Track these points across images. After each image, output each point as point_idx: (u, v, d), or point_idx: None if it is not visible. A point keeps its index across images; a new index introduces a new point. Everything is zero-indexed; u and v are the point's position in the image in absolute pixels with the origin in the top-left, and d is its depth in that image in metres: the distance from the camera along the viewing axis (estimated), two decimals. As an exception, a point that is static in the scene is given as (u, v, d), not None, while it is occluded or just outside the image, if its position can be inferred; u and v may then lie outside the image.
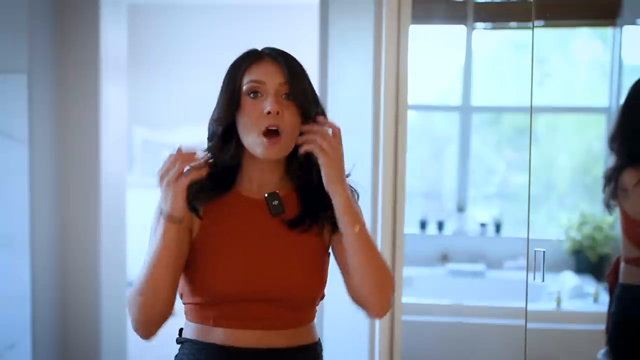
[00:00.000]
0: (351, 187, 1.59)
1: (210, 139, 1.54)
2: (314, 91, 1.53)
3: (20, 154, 3.07)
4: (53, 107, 3.31)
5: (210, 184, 1.51)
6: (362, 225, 1.47)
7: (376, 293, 1.48)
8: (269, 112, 1.45)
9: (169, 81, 6.82)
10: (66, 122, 3.36)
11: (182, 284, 1.53)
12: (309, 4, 5.14)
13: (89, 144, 3.39)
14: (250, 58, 1.51)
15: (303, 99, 1.48)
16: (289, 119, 1.46)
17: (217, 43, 6.62)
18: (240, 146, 1.51)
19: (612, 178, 2.64)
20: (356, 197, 1.59)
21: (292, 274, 1.49)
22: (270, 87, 1.47)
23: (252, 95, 1.48)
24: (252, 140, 1.47)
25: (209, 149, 1.53)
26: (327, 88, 2.90)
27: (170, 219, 1.41)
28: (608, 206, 2.70)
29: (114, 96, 3.56)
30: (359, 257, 1.46)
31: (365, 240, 1.47)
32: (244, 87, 1.49)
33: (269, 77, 1.47)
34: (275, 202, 1.52)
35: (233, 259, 1.48)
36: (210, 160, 1.50)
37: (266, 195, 1.52)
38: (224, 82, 1.53)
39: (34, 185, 3.12)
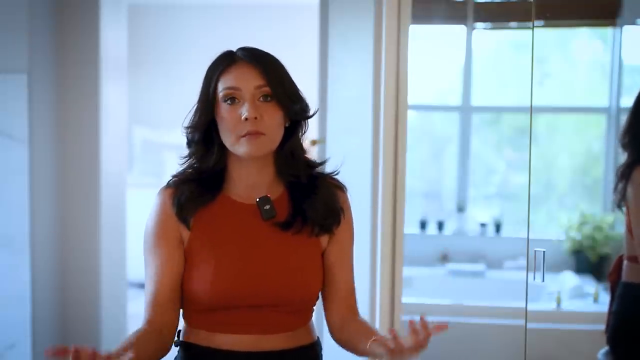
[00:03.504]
0: (338, 182, 1.58)
1: (188, 145, 1.53)
2: (295, 87, 1.51)
3: (20, 154, 3.07)
4: (53, 107, 3.31)
5: (197, 191, 1.50)
6: None
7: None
8: (246, 119, 1.44)
9: (169, 81, 6.82)
10: (66, 122, 3.36)
11: None
12: (309, 4, 5.14)
13: (89, 144, 3.39)
14: (223, 63, 1.50)
15: (284, 98, 1.47)
16: (269, 120, 1.45)
17: (217, 43, 6.57)
18: (223, 150, 1.50)
19: (624, 175, 2.64)
20: (345, 190, 1.59)
21: (288, 279, 1.48)
22: (246, 92, 1.45)
23: (229, 101, 1.46)
24: (233, 144, 1.46)
25: (189, 155, 1.53)
26: (327, 88, 2.90)
27: None
28: (619, 205, 2.69)
29: (114, 96, 3.56)
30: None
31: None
32: (220, 94, 1.47)
33: (244, 81, 1.46)
34: (267, 207, 1.50)
35: (227, 266, 1.47)
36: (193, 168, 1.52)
37: (257, 199, 1.51)
38: (201, 88, 1.52)
39: (34, 185, 3.12)
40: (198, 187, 1.50)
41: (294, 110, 1.49)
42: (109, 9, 3.47)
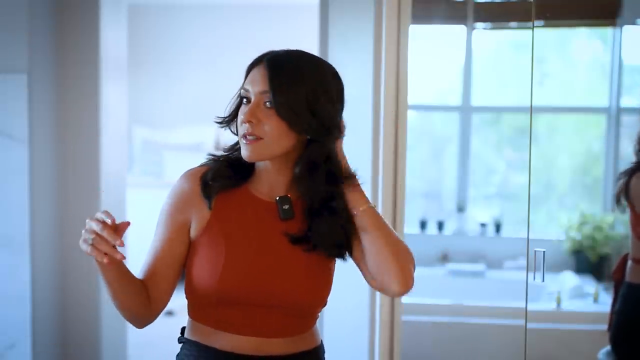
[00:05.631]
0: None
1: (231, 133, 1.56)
2: (311, 101, 1.45)
3: (20, 154, 3.07)
4: (53, 107, 3.31)
5: (225, 172, 1.51)
6: (369, 206, 1.48)
7: (394, 268, 1.45)
8: (243, 120, 1.45)
9: (169, 81, 6.82)
10: (66, 122, 3.36)
11: (185, 279, 1.53)
12: (309, 4, 5.14)
13: (89, 144, 3.39)
14: (253, 62, 1.50)
15: (282, 109, 1.43)
16: (269, 126, 1.44)
17: (217, 43, 6.62)
18: None
19: (628, 177, 2.65)
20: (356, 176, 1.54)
21: (297, 282, 1.48)
22: (252, 95, 1.46)
23: (244, 101, 1.48)
24: (239, 141, 1.48)
25: (231, 147, 1.55)
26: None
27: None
28: (618, 202, 2.70)
29: (114, 96, 3.55)
30: (369, 235, 1.46)
31: (374, 219, 1.47)
32: (241, 92, 1.50)
33: (252, 84, 1.46)
34: (286, 206, 1.50)
35: (237, 260, 1.47)
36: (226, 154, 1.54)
37: (277, 198, 1.51)
38: None
39: (34, 185, 3.12)
40: (227, 170, 1.52)
41: (299, 124, 1.45)
42: (109, 9, 3.47)
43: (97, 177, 3.38)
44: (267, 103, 1.44)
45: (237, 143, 1.53)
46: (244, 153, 1.46)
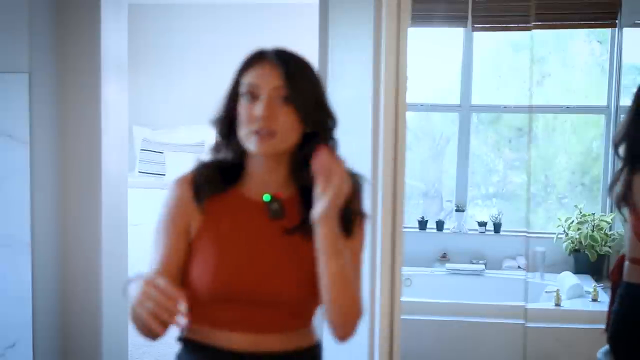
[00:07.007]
0: (357, 177, 1.54)
1: (217, 136, 1.57)
2: (317, 95, 1.51)
3: (21, 154, 3.08)
4: (54, 107, 3.31)
5: (215, 176, 1.52)
6: (342, 262, 1.45)
7: (339, 322, 1.50)
8: (259, 116, 1.45)
9: (169, 81, 6.83)
10: (67, 122, 3.36)
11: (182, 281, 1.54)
12: (309, 3, 5.15)
13: (90, 144, 3.39)
14: (252, 60, 1.51)
15: (299, 103, 1.47)
16: (283, 120, 1.46)
17: (217, 43, 6.62)
18: (242, 144, 1.52)
19: (625, 179, 2.65)
20: (360, 186, 1.55)
21: (289, 279, 1.49)
22: (265, 91, 1.47)
23: (248, 97, 1.48)
24: (245, 138, 1.48)
25: (215, 147, 1.56)
26: (327, 88, 2.90)
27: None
28: (619, 209, 2.71)
29: (115, 96, 3.56)
30: (330, 290, 1.46)
31: (340, 277, 1.45)
32: (243, 90, 1.50)
33: (265, 80, 1.47)
34: (275, 206, 1.52)
35: (229, 260, 1.48)
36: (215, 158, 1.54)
37: (266, 198, 1.52)
38: (230, 83, 1.55)
39: (34, 185, 3.13)
40: (217, 173, 1.52)
41: (310, 117, 1.49)
42: (110, 8, 3.47)
43: (98, 178, 3.39)
44: (282, 98, 1.46)
45: (226, 145, 1.54)
46: (256, 148, 1.46)
